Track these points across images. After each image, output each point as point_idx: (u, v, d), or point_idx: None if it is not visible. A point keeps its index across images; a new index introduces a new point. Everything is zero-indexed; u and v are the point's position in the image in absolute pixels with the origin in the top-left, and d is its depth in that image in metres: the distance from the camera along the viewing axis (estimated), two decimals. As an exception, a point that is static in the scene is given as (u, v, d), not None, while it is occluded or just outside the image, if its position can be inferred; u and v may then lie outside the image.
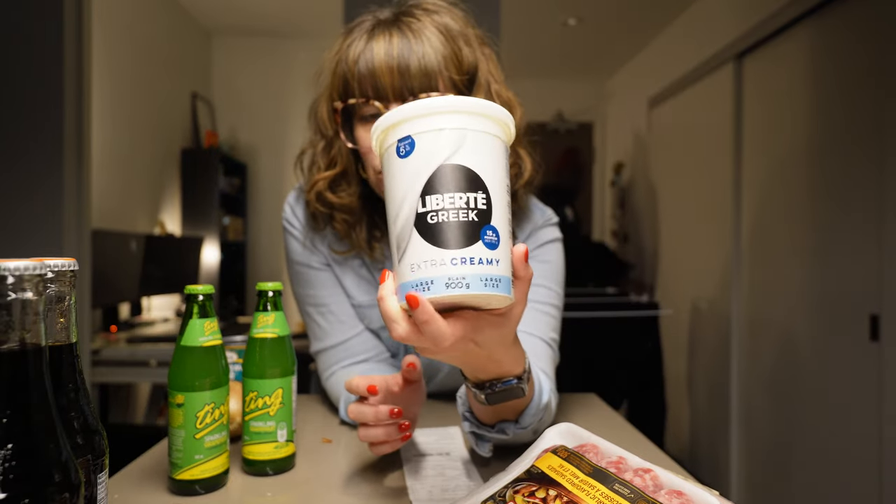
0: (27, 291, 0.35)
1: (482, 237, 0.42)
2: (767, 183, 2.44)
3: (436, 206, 0.42)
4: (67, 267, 0.41)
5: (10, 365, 0.35)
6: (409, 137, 0.44)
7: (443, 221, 0.42)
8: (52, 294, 0.40)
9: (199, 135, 3.84)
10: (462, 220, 0.42)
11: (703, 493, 0.42)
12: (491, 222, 0.43)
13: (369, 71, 0.71)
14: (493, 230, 0.43)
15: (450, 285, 0.42)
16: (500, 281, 0.43)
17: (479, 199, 0.43)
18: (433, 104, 0.44)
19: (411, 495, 0.62)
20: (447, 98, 0.44)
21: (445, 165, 0.43)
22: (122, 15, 2.97)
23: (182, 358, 0.61)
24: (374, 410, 0.61)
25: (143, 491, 0.63)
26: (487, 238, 0.43)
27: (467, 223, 0.42)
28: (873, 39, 1.89)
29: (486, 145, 0.45)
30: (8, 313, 0.34)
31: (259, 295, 0.70)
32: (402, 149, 0.44)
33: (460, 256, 0.42)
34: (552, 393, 0.72)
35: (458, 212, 0.42)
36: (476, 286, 0.42)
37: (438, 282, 0.42)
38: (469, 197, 0.43)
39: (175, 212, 3.63)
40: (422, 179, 0.43)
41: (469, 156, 0.43)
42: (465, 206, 0.42)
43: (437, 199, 0.42)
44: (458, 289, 0.42)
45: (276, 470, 0.68)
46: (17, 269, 0.34)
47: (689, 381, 3.21)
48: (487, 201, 0.43)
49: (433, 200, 0.43)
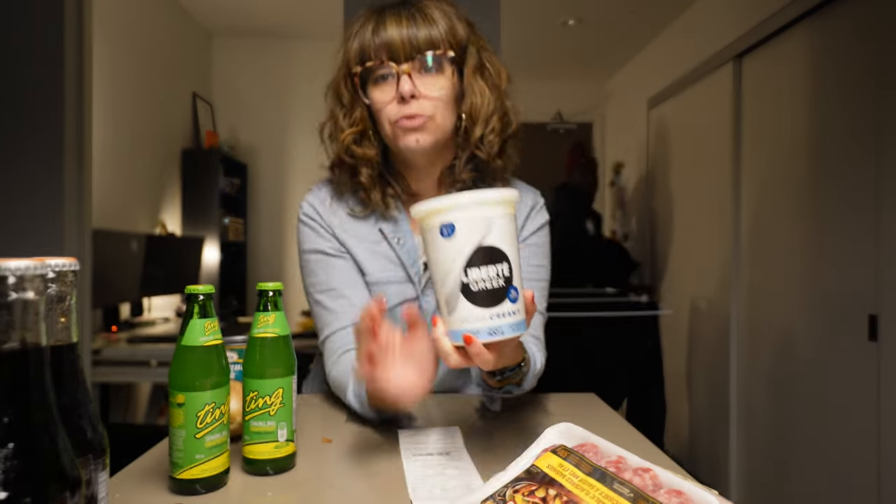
0: (28, 291, 0.35)
1: (508, 296, 0.60)
2: (766, 183, 2.44)
3: (475, 278, 0.59)
4: (68, 267, 0.41)
5: (12, 364, 0.35)
6: (452, 224, 0.60)
7: (482, 289, 0.60)
8: (53, 294, 0.40)
9: (200, 135, 3.84)
10: (495, 287, 0.60)
11: (703, 492, 0.42)
12: (513, 283, 0.61)
13: (383, 40, 0.84)
14: (515, 289, 0.61)
15: (491, 333, 0.60)
16: (521, 324, 0.62)
17: (504, 270, 0.60)
18: (471, 198, 0.59)
19: (411, 494, 0.62)
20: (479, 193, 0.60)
21: (481, 247, 0.59)
22: (122, 16, 2.97)
23: (183, 358, 0.62)
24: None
25: (144, 490, 0.64)
26: (512, 296, 0.60)
27: (498, 289, 0.60)
28: (873, 39, 1.89)
29: (506, 227, 0.61)
30: (9, 313, 0.34)
31: (259, 295, 0.70)
32: (445, 231, 0.60)
33: (496, 313, 0.60)
34: (541, 353, 0.90)
35: (491, 281, 0.59)
36: (507, 332, 0.61)
37: (483, 331, 0.60)
38: (498, 269, 0.60)
39: (175, 212, 3.64)
40: (463, 257, 0.59)
41: (496, 237, 0.60)
42: (496, 276, 0.60)
43: (476, 272, 0.59)
44: (496, 335, 0.60)
45: (277, 469, 0.68)
46: (19, 268, 0.35)
47: (688, 381, 3.21)
48: (510, 269, 0.60)
49: (473, 273, 0.59)
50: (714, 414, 2.88)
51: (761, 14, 2.44)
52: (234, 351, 0.85)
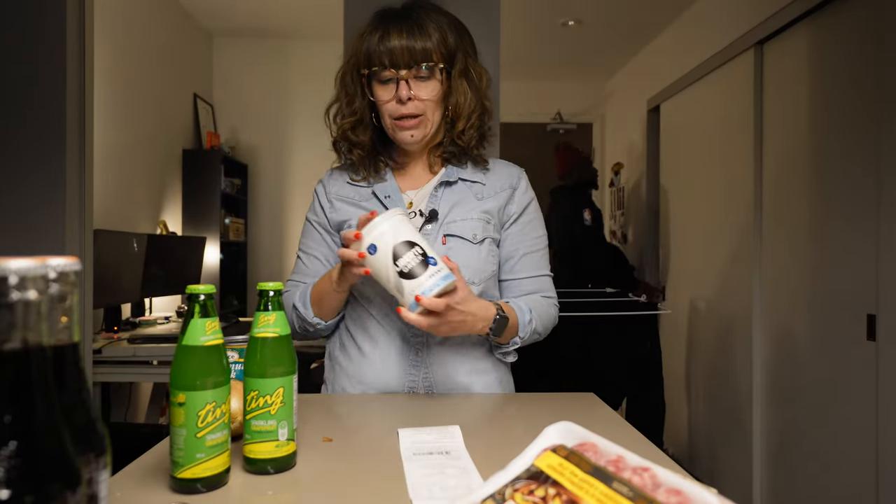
0: (30, 291, 0.35)
1: (429, 263, 0.87)
2: (765, 183, 2.44)
3: (403, 264, 0.86)
4: (70, 267, 0.41)
5: (13, 364, 0.35)
6: (373, 244, 0.88)
7: (411, 268, 0.86)
8: (54, 294, 0.40)
9: (201, 135, 3.85)
10: (418, 263, 0.86)
11: (702, 491, 0.42)
12: (429, 255, 0.87)
13: (387, 48, 1.02)
14: (432, 258, 0.87)
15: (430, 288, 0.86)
16: (448, 275, 0.88)
17: (418, 250, 0.87)
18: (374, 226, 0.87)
19: (411, 494, 0.62)
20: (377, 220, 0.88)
21: (396, 245, 0.87)
22: (123, 17, 2.97)
23: (183, 357, 0.62)
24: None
25: (145, 489, 0.64)
26: (432, 262, 0.87)
27: (420, 263, 0.86)
28: (871, 40, 1.89)
29: (405, 226, 0.88)
30: (11, 313, 0.35)
31: (260, 295, 0.70)
32: (371, 250, 0.88)
33: (427, 275, 0.86)
34: (533, 311, 1.08)
35: (414, 259, 0.86)
36: (441, 283, 0.86)
37: (426, 290, 0.86)
38: (414, 251, 0.87)
39: (176, 212, 3.64)
40: (389, 258, 0.87)
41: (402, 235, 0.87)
42: (415, 256, 0.86)
43: (402, 260, 0.86)
44: (434, 289, 0.86)
45: (277, 468, 0.68)
46: (20, 268, 0.35)
47: (687, 381, 3.21)
48: (422, 249, 0.87)
49: (400, 261, 0.86)
50: (713, 413, 2.88)
51: (760, 15, 2.44)
52: (234, 350, 0.86)
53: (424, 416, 0.91)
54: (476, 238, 1.07)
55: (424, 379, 1.04)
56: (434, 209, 1.07)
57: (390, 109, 1.05)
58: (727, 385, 2.73)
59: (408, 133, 1.05)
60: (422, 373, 1.04)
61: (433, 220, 1.07)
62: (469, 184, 1.11)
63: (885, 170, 1.82)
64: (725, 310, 2.77)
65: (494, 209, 1.10)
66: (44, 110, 1.89)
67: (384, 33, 1.03)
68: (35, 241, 1.88)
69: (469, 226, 1.07)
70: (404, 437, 0.80)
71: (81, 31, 1.97)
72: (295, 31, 4.05)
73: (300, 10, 3.69)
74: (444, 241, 1.06)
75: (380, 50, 1.02)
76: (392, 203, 1.08)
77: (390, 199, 1.09)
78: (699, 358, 3.08)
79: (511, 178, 1.14)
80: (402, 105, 1.03)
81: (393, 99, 1.03)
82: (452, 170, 1.11)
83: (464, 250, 1.05)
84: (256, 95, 4.22)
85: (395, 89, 1.02)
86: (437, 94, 1.05)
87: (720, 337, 2.82)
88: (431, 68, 1.03)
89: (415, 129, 1.05)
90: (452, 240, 1.06)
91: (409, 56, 1.02)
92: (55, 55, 1.90)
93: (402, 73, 1.02)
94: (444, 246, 1.05)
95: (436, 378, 1.05)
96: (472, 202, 1.10)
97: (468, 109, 1.07)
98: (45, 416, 0.36)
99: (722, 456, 2.78)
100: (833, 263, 2.06)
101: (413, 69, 1.02)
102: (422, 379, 1.04)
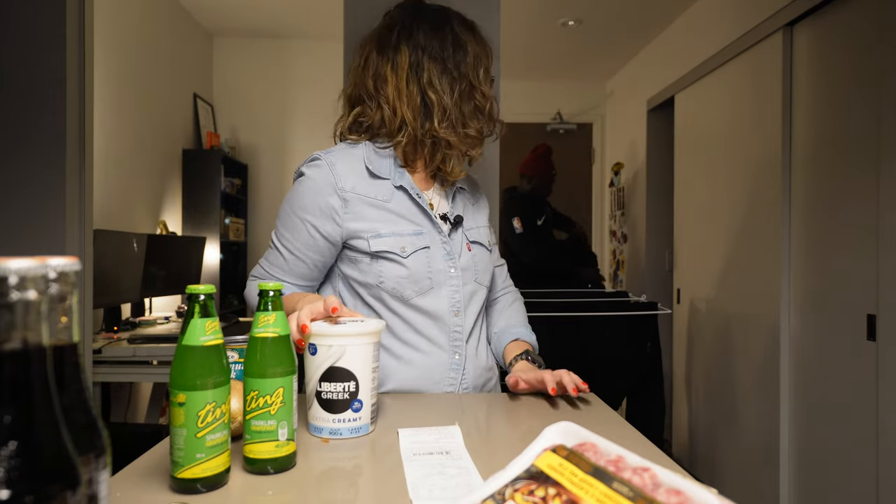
0: (30, 291, 0.35)
1: (351, 406, 0.79)
2: (764, 183, 2.43)
3: (326, 389, 0.79)
4: (70, 267, 0.41)
5: (13, 364, 0.35)
6: (314, 345, 0.80)
7: (329, 398, 0.79)
8: (54, 294, 0.40)
9: (201, 135, 3.85)
10: (340, 399, 0.79)
11: (702, 491, 0.42)
12: (358, 397, 0.80)
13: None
14: (360, 402, 0.80)
15: (331, 433, 0.79)
16: (361, 428, 0.80)
17: (350, 386, 0.79)
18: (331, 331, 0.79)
19: (411, 494, 0.62)
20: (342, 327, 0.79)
21: (332, 367, 0.79)
22: (123, 17, 2.97)
23: (183, 357, 0.62)
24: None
25: (145, 489, 0.64)
26: (355, 407, 0.80)
27: (343, 400, 0.79)
28: (871, 41, 1.89)
29: (361, 353, 0.80)
30: (10, 313, 0.35)
31: (260, 295, 0.70)
32: (311, 349, 0.80)
33: (338, 418, 0.79)
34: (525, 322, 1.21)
35: (337, 393, 0.79)
36: (345, 434, 0.79)
37: (325, 430, 0.80)
38: (345, 385, 0.79)
39: (176, 212, 3.64)
40: (321, 371, 0.79)
41: (347, 361, 0.79)
42: (342, 391, 0.79)
43: (327, 385, 0.79)
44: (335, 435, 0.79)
45: (277, 468, 0.68)
46: (20, 268, 0.35)
47: (687, 381, 3.21)
48: (356, 387, 0.79)
49: (325, 385, 0.79)
50: (713, 413, 2.88)
51: (760, 15, 2.44)
52: (234, 350, 0.86)
53: (424, 416, 0.91)
54: (490, 245, 1.14)
55: (462, 381, 1.07)
56: (459, 215, 1.09)
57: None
58: (727, 385, 2.73)
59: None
60: (460, 374, 1.06)
61: (458, 225, 1.09)
62: (465, 189, 1.17)
63: (885, 167, 1.82)
64: (725, 309, 2.77)
65: (487, 214, 1.20)
66: (44, 110, 1.89)
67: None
68: (35, 241, 1.88)
69: (484, 233, 1.14)
70: (404, 437, 0.80)
71: (81, 32, 1.97)
72: (295, 31, 4.05)
73: (300, 10, 3.68)
74: (468, 247, 1.09)
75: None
76: (425, 202, 1.05)
77: (421, 197, 1.05)
78: (699, 357, 3.08)
79: (473, 182, 1.22)
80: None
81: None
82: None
83: (484, 256, 1.11)
84: (256, 95, 4.22)
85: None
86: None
87: (720, 336, 2.81)
88: None
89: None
90: (475, 247, 1.10)
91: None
92: (55, 55, 1.90)
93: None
94: (470, 252, 1.09)
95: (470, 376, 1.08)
96: (473, 208, 1.15)
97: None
98: (45, 416, 0.36)
99: (721, 455, 2.77)
100: (833, 264, 2.06)
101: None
102: (460, 379, 1.06)
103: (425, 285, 1.02)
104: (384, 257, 1.01)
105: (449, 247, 1.05)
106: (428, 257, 1.03)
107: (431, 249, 1.03)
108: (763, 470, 2.42)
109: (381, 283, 1.01)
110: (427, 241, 1.03)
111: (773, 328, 2.36)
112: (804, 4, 2.16)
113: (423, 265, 1.02)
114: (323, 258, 1.05)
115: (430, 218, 1.05)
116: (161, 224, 3.35)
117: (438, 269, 1.04)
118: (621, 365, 2.71)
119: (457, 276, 1.05)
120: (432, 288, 1.03)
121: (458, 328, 1.05)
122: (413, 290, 1.02)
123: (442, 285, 1.04)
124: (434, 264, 1.03)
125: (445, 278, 1.04)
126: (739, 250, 2.65)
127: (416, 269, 1.01)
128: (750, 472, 2.53)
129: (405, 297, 1.02)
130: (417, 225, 1.04)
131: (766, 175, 2.43)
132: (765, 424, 2.41)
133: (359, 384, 0.79)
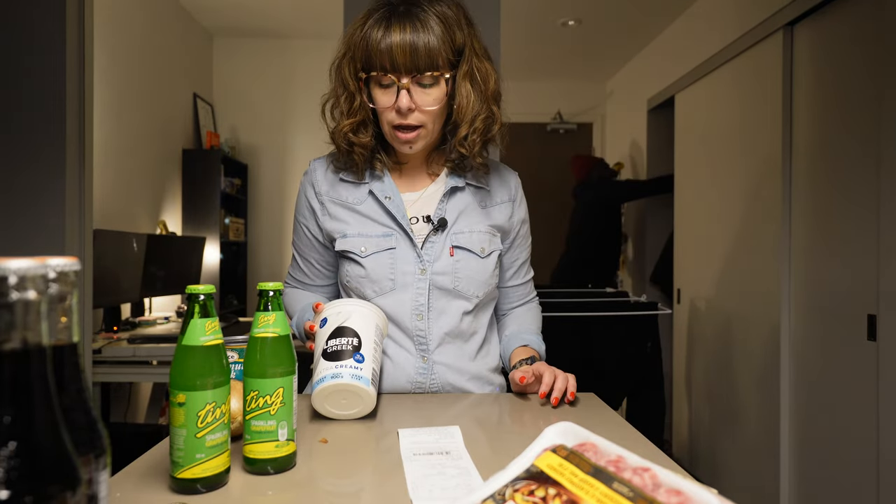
0: (29, 291, 0.35)
1: (354, 357, 0.86)
2: (764, 182, 2.43)
3: (331, 344, 0.87)
4: (69, 267, 0.41)
5: (13, 364, 0.35)
6: (324, 319, 0.91)
7: (335, 350, 0.86)
8: (54, 294, 0.40)
9: (201, 135, 3.85)
10: (344, 349, 0.86)
11: (702, 491, 0.42)
12: (360, 350, 0.87)
13: (388, 52, 0.93)
14: (361, 355, 0.86)
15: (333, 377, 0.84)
16: (361, 377, 0.85)
17: (353, 341, 0.87)
18: (337, 301, 0.93)
19: (411, 494, 0.62)
20: (347, 299, 0.96)
21: (339, 327, 0.88)
22: (123, 17, 2.97)
23: (183, 357, 0.62)
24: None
25: (145, 490, 0.64)
26: (357, 358, 0.86)
27: (347, 350, 0.86)
28: (871, 41, 1.89)
29: (365, 318, 0.90)
30: (10, 313, 0.35)
31: (260, 295, 0.70)
32: (322, 323, 0.91)
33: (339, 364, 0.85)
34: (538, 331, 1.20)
35: (342, 345, 0.87)
36: (346, 378, 0.84)
37: (327, 377, 0.85)
38: (348, 339, 0.87)
39: (176, 212, 3.64)
40: (328, 333, 0.89)
41: (352, 322, 0.89)
42: (346, 343, 0.87)
43: (333, 341, 0.87)
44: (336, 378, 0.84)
45: (277, 469, 0.68)
46: (20, 268, 0.35)
47: (687, 381, 3.21)
48: (359, 342, 0.87)
49: (331, 341, 0.87)
50: (713, 413, 2.88)
51: (760, 15, 2.44)
52: (234, 350, 0.86)
53: (424, 416, 0.91)
54: (484, 252, 1.05)
55: (432, 384, 1.05)
56: (443, 217, 1.04)
57: (389, 117, 0.98)
58: (727, 385, 2.73)
59: (406, 146, 1.01)
60: (428, 379, 1.04)
61: (441, 228, 1.04)
62: (475, 189, 1.09)
63: (886, 167, 1.82)
64: (725, 309, 2.77)
65: (500, 222, 1.10)
66: (44, 110, 1.90)
67: (385, 31, 0.93)
68: (35, 241, 1.88)
69: (477, 239, 1.05)
70: (404, 437, 0.80)
71: (81, 32, 1.97)
72: (295, 31, 4.05)
73: (300, 10, 3.69)
74: (451, 252, 1.04)
75: (380, 50, 0.93)
76: (393, 205, 1.04)
77: (391, 200, 1.05)
78: (699, 357, 3.08)
79: (510, 186, 1.13)
80: (401, 115, 0.97)
81: (392, 108, 0.97)
82: (456, 175, 1.08)
83: (471, 263, 1.04)
84: (256, 95, 4.22)
85: (395, 97, 0.95)
86: (440, 103, 0.98)
87: (720, 336, 2.81)
88: (435, 77, 0.96)
89: (413, 141, 1.00)
90: (460, 252, 1.04)
91: (412, 62, 0.93)
92: (55, 55, 1.90)
93: (403, 81, 0.95)
94: (453, 258, 1.03)
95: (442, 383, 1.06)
96: (478, 211, 1.08)
97: (471, 114, 1.00)
98: (45, 416, 0.36)
99: (721, 455, 2.77)
100: (834, 264, 2.06)
101: (415, 77, 0.95)
102: (428, 384, 1.05)
103: (386, 286, 1.03)
104: (347, 256, 1.06)
105: (419, 250, 1.03)
106: (392, 258, 1.03)
107: (398, 251, 1.03)
108: (763, 470, 2.42)
109: (348, 282, 1.06)
110: (394, 243, 1.03)
111: (773, 328, 2.36)
112: (804, 4, 2.16)
113: (384, 266, 1.02)
114: (322, 258, 1.12)
115: (396, 221, 1.04)
116: (161, 224, 3.35)
117: (404, 270, 1.03)
118: (621, 365, 2.71)
119: (424, 279, 1.02)
120: (394, 289, 1.03)
121: (421, 332, 1.03)
122: (372, 289, 1.03)
123: (406, 287, 1.03)
124: (399, 266, 1.03)
125: (412, 280, 1.03)
126: (739, 250, 2.65)
127: (375, 269, 1.02)
128: (750, 473, 2.53)
129: (366, 296, 1.04)
130: (386, 227, 1.04)
131: (766, 174, 2.43)
132: (765, 424, 2.40)
133: (362, 342, 0.87)
